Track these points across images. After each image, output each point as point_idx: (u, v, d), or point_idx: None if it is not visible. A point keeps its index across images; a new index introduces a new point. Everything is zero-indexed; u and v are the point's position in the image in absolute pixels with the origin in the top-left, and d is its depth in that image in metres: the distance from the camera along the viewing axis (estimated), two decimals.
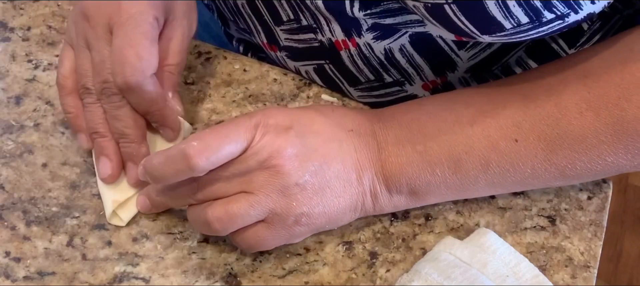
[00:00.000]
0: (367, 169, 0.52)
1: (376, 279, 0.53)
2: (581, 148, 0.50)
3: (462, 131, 0.52)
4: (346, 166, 0.51)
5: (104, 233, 0.55)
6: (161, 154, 0.50)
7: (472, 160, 0.51)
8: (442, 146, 0.52)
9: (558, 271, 0.53)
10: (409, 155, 0.52)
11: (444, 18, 0.48)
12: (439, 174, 0.52)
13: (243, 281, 0.52)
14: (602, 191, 0.57)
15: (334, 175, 0.50)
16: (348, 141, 0.52)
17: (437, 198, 0.54)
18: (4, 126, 0.60)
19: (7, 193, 0.56)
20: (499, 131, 0.51)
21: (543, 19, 0.47)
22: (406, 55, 0.59)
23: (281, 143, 0.49)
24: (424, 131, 0.52)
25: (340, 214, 0.52)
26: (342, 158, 0.51)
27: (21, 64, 0.63)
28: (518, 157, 0.51)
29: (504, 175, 0.52)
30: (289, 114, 0.51)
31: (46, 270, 0.52)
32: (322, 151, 0.50)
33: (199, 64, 0.64)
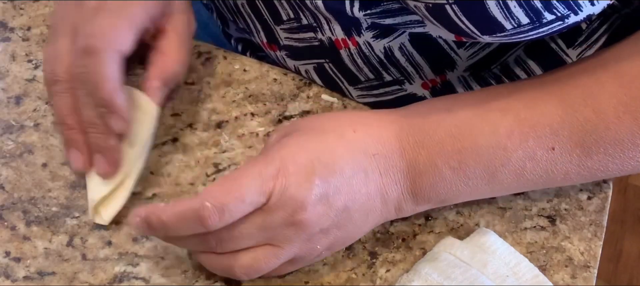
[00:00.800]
0: (393, 191, 0.51)
1: (376, 279, 0.53)
2: (616, 151, 0.50)
3: (499, 144, 0.50)
4: (371, 197, 0.50)
5: (104, 233, 0.54)
6: (171, 212, 0.47)
7: (508, 171, 0.51)
8: (478, 161, 0.50)
9: (558, 271, 0.53)
10: (442, 173, 0.50)
11: (445, 18, 0.48)
12: (471, 185, 0.51)
13: (243, 281, 0.52)
14: (602, 191, 0.57)
15: (358, 211, 0.50)
16: (373, 167, 0.50)
17: (465, 200, 0.54)
18: (4, 126, 0.60)
19: (7, 193, 0.56)
20: (537, 141, 0.50)
21: (543, 20, 0.47)
22: (406, 54, 0.59)
23: (305, 196, 0.47)
24: (458, 146, 0.50)
25: (360, 235, 0.52)
26: (366, 190, 0.49)
27: (21, 64, 0.63)
28: (553, 164, 0.51)
29: (536, 181, 0.52)
30: (309, 154, 0.48)
31: (46, 270, 0.52)
32: (346, 191, 0.49)
33: (199, 64, 0.64)
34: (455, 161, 0.50)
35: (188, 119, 0.60)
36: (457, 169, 0.50)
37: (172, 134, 0.60)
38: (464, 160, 0.50)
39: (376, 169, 0.50)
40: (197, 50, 0.65)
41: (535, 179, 0.51)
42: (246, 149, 0.59)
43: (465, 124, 0.51)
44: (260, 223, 0.48)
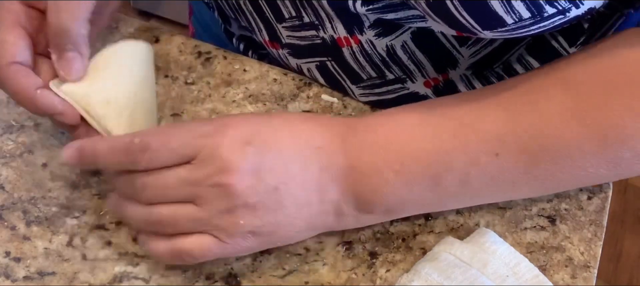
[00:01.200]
0: (331, 190, 0.49)
1: (376, 279, 0.53)
2: (563, 159, 0.49)
3: (441, 148, 0.49)
4: (306, 188, 0.48)
5: (104, 233, 0.55)
6: (104, 143, 0.49)
7: (452, 177, 0.50)
8: (421, 165, 0.50)
9: (558, 271, 0.53)
10: (384, 176, 0.49)
11: (446, 13, 0.48)
12: (416, 192, 0.50)
13: (243, 281, 0.52)
14: (602, 191, 0.57)
15: (291, 197, 0.48)
16: (313, 160, 0.49)
17: (413, 212, 0.53)
18: (4, 126, 0.60)
19: (7, 193, 0.56)
20: (480, 146, 0.49)
21: (544, 14, 0.46)
22: (408, 52, 0.59)
23: (235, 160, 0.46)
24: (400, 149, 0.50)
25: (294, 234, 0.50)
26: (302, 179, 0.48)
27: None
28: (499, 171, 0.50)
29: (483, 189, 0.51)
30: (252, 126, 0.48)
31: (46, 270, 0.52)
32: (279, 171, 0.48)
33: (199, 64, 0.64)
34: (397, 164, 0.49)
35: (188, 119, 0.60)
36: (399, 172, 0.49)
37: None
38: (406, 163, 0.49)
39: (316, 162, 0.49)
40: (197, 50, 0.65)
41: (482, 187, 0.51)
42: None
43: (408, 128, 0.50)
44: (185, 175, 0.47)
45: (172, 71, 0.63)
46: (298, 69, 0.65)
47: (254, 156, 0.47)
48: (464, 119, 0.50)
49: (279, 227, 0.49)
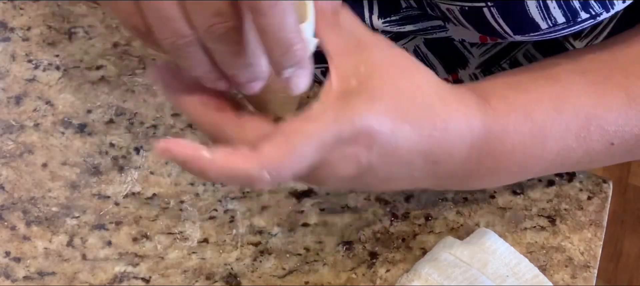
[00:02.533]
0: (426, 182, 0.46)
1: (376, 279, 0.53)
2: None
3: (566, 147, 0.48)
4: (398, 184, 0.45)
5: (104, 233, 0.54)
6: (219, 168, 0.39)
7: (562, 167, 0.50)
8: (539, 165, 0.49)
9: (558, 271, 0.53)
10: (498, 175, 0.48)
11: (480, 20, 0.48)
12: (514, 181, 0.50)
13: (243, 281, 0.52)
14: (602, 191, 0.57)
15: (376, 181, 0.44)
16: (423, 173, 0.45)
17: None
18: (4, 126, 0.60)
19: (7, 193, 0.56)
20: (601, 139, 0.48)
21: (578, 19, 0.46)
22: (420, 55, 0.59)
23: (353, 165, 0.42)
24: (528, 154, 0.47)
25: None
26: (395, 181, 0.45)
27: (21, 64, 0.63)
28: (607, 156, 0.50)
29: (580, 168, 0.51)
30: (389, 124, 0.41)
31: (46, 270, 0.52)
32: (382, 176, 0.43)
33: None
34: (517, 167, 0.48)
35: (188, 119, 0.60)
36: (515, 173, 0.49)
37: (172, 134, 0.60)
38: (527, 166, 0.48)
39: (430, 174, 0.45)
40: None
41: (578, 167, 0.51)
42: None
43: (540, 131, 0.47)
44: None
45: None
46: None
47: (359, 169, 0.42)
48: (591, 110, 0.48)
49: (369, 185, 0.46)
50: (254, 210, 0.56)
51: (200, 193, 0.56)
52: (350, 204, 0.56)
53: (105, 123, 0.60)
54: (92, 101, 0.61)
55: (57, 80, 0.62)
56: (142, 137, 0.59)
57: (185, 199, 0.56)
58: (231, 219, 0.55)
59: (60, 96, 0.61)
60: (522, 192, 0.57)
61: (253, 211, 0.56)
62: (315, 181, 0.43)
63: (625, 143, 0.49)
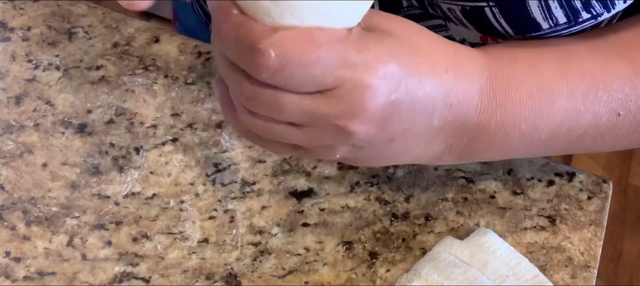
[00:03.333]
0: (445, 144, 0.47)
1: (376, 279, 0.53)
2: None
3: (574, 108, 0.47)
4: (420, 140, 0.45)
5: (104, 233, 0.55)
6: (233, 24, 0.39)
7: (570, 135, 0.48)
8: (549, 126, 0.47)
9: (558, 271, 0.53)
10: (508, 135, 0.47)
11: (481, 20, 0.48)
12: (527, 149, 0.49)
13: (243, 281, 0.52)
14: (602, 191, 0.57)
15: (399, 148, 0.45)
16: (443, 116, 0.45)
17: (502, 159, 0.51)
18: (4, 126, 0.60)
19: (7, 193, 0.56)
20: (607, 106, 0.48)
21: (579, 19, 0.46)
22: None
23: (371, 107, 0.41)
24: (536, 109, 0.47)
25: (375, 164, 0.48)
26: (419, 133, 0.45)
27: (21, 64, 0.63)
28: (612, 129, 0.49)
29: (587, 145, 0.50)
30: (402, 70, 0.42)
31: (46, 270, 0.52)
32: (404, 126, 0.43)
33: (199, 64, 0.64)
34: (526, 125, 0.47)
35: (188, 119, 0.60)
36: (525, 133, 0.47)
37: (172, 134, 0.60)
38: (535, 124, 0.47)
39: (444, 120, 0.45)
40: (197, 50, 0.65)
41: (588, 143, 0.49)
42: (246, 149, 0.59)
43: (547, 85, 0.47)
44: (310, 108, 0.41)
45: (172, 71, 0.63)
46: None
47: (391, 106, 0.42)
48: (597, 76, 0.47)
49: (369, 161, 0.46)
50: (254, 210, 0.56)
51: (200, 193, 0.57)
52: (350, 204, 0.56)
53: (105, 123, 0.60)
54: (92, 101, 0.61)
55: (57, 80, 0.62)
56: (142, 137, 0.59)
57: (185, 199, 0.56)
58: (231, 219, 0.55)
59: (60, 96, 0.61)
60: (522, 192, 0.57)
61: (253, 211, 0.56)
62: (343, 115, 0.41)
63: (631, 115, 0.48)
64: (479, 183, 0.58)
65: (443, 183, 0.58)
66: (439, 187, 0.57)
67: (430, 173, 0.58)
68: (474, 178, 0.58)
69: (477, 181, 0.58)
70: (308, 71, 0.39)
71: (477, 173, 0.58)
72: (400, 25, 0.44)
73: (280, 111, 0.41)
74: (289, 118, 0.42)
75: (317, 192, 0.57)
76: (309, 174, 0.58)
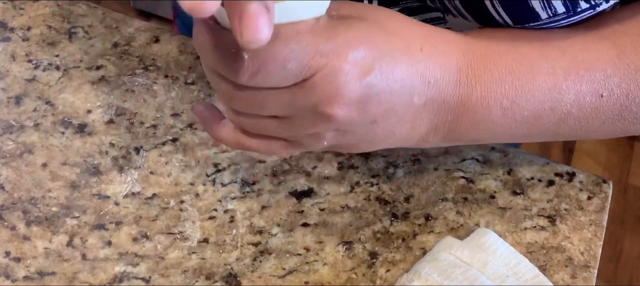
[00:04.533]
0: (428, 123, 0.47)
1: (376, 279, 0.53)
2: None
3: (555, 85, 0.47)
4: (403, 120, 0.46)
5: (104, 233, 0.55)
6: (211, 35, 0.41)
7: (553, 115, 0.48)
8: (531, 102, 0.47)
9: (558, 271, 0.53)
10: (491, 111, 0.47)
11: (480, 11, 0.48)
12: (512, 127, 0.49)
13: (243, 281, 0.52)
14: (602, 191, 0.57)
15: (383, 129, 0.46)
16: (422, 94, 0.46)
17: (491, 142, 0.52)
18: (4, 126, 0.60)
19: (7, 193, 0.56)
20: (589, 85, 0.48)
21: (578, 9, 0.47)
22: None
23: (348, 91, 0.42)
24: (515, 84, 0.47)
25: (365, 149, 0.48)
26: (402, 112, 0.46)
27: (21, 64, 0.63)
28: (596, 111, 0.49)
29: (572, 129, 0.50)
30: (373, 52, 0.43)
31: (46, 270, 0.52)
32: (385, 106, 0.45)
33: (199, 64, 0.64)
34: (508, 100, 0.47)
35: (188, 119, 0.60)
36: (507, 109, 0.48)
37: (172, 134, 0.60)
38: (516, 100, 0.47)
39: (424, 96, 0.46)
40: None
41: (573, 126, 0.49)
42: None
43: (526, 61, 0.47)
44: (288, 100, 0.43)
45: (172, 71, 0.63)
46: None
47: (367, 88, 0.43)
48: (579, 55, 0.48)
49: (357, 146, 0.47)
50: (254, 210, 0.56)
51: (200, 193, 0.57)
52: (350, 204, 0.56)
53: (105, 123, 0.60)
54: (92, 101, 0.61)
55: (57, 80, 0.62)
56: (142, 137, 0.59)
57: (185, 199, 0.56)
58: (231, 219, 0.55)
59: (60, 96, 0.61)
60: (522, 192, 0.57)
61: (253, 211, 0.56)
62: (321, 101, 0.42)
63: (614, 98, 0.48)
64: (479, 183, 0.58)
65: (443, 183, 0.58)
66: (439, 187, 0.57)
67: (430, 173, 0.58)
68: (474, 178, 0.58)
69: (477, 181, 0.58)
70: (283, 67, 0.41)
71: (477, 173, 0.58)
72: (371, 10, 0.45)
73: (261, 107, 0.43)
74: (272, 112, 0.44)
75: (317, 192, 0.57)
76: (309, 174, 0.58)
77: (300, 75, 0.41)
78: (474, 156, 0.59)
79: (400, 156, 0.59)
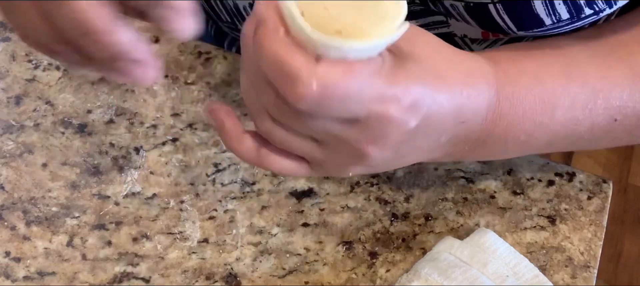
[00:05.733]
0: (445, 151, 0.47)
1: (376, 279, 0.53)
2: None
3: (572, 118, 0.48)
4: (423, 153, 0.46)
5: (104, 233, 0.55)
6: (273, 47, 0.38)
7: (566, 142, 0.49)
8: (548, 134, 0.48)
9: (558, 271, 0.53)
10: (506, 145, 0.48)
11: (484, 16, 0.48)
12: (522, 152, 0.50)
13: (243, 281, 0.52)
14: (602, 191, 0.57)
15: (408, 160, 0.46)
16: (452, 134, 0.46)
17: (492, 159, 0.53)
18: (4, 126, 0.60)
19: (7, 193, 0.56)
20: (605, 112, 0.48)
21: (582, 15, 0.47)
22: None
23: (391, 134, 0.42)
24: (537, 121, 0.48)
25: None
26: (430, 149, 0.46)
27: (21, 64, 0.63)
28: (609, 133, 0.50)
29: (581, 146, 0.51)
30: (424, 100, 0.42)
31: (46, 270, 0.52)
32: (417, 148, 0.45)
33: (199, 64, 0.64)
34: (526, 135, 0.48)
35: (188, 119, 0.60)
36: (524, 143, 0.48)
37: (172, 134, 0.60)
38: (535, 135, 0.48)
39: (453, 137, 0.46)
40: (197, 50, 0.65)
41: (580, 146, 0.51)
42: None
43: (550, 97, 0.47)
44: (337, 131, 0.41)
45: (172, 71, 0.63)
46: None
47: (410, 135, 0.43)
48: (598, 84, 0.48)
49: (375, 170, 0.47)
50: (254, 210, 0.56)
51: (200, 193, 0.57)
52: (350, 204, 0.56)
53: (105, 123, 0.60)
54: (92, 101, 0.61)
55: (57, 80, 0.62)
56: (142, 137, 0.59)
57: (185, 199, 0.56)
58: (231, 219, 0.55)
59: (60, 96, 0.61)
60: (522, 192, 0.57)
61: (253, 211, 0.56)
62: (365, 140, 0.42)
63: (627, 120, 0.49)
64: (479, 183, 0.58)
65: (443, 183, 0.58)
66: (439, 187, 0.57)
67: (430, 173, 0.58)
68: (474, 178, 0.58)
69: (477, 181, 0.58)
70: (345, 104, 0.39)
71: (477, 173, 0.58)
72: (422, 46, 0.44)
73: (307, 127, 0.41)
74: (313, 134, 0.42)
75: (317, 192, 0.57)
76: None
77: (357, 115, 0.40)
78: None
79: None
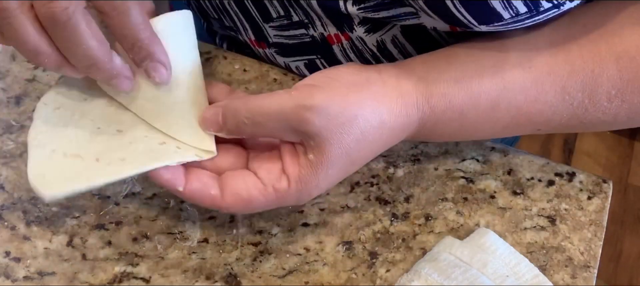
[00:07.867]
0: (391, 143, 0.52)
1: (376, 279, 0.53)
2: (600, 127, 0.53)
3: (494, 133, 0.53)
4: (367, 157, 0.51)
5: (104, 233, 0.55)
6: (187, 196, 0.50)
7: (531, 126, 0.53)
8: (481, 130, 0.53)
9: (558, 271, 0.53)
10: (452, 121, 0.52)
11: (443, 10, 0.48)
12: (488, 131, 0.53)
13: (243, 281, 0.52)
14: (602, 191, 0.57)
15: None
16: (387, 139, 0.51)
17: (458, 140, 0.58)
18: (4, 126, 0.60)
19: (7, 193, 0.56)
20: (528, 127, 0.52)
21: (540, 8, 0.47)
22: (398, 46, 0.59)
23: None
24: (459, 135, 0.53)
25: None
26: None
27: (21, 64, 0.63)
28: (532, 133, 0.54)
29: (538, 129, 0.54)
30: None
31: (46, 270, 0.52)
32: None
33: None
34: (456, 121, 0.52)
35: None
36: (461, 127, 0.52)
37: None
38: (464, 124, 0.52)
39: (390, 138, 0.51)
40: None
41: (540, 128, 0.54)
42: None
43: (471, 126, 0.52)
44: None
45: None
46: (286, 67, 0.65)
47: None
48: (522, 106, 0.52)
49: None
50: None
51: None
52: (350, 204, 0.56)
53: None
54: None
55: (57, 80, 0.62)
56: None
57: None
58: (231, 219, 0.55)
59: None
60: (522, 192, 0.57)
61: None
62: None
63: (551, 129, 0.53)
64: (479, 183, 0.58)
65: (443, 183, 0.58)
66: (439, 187, 0.57)
67: (430, 173, 0.58)
68: (474, 178, 0.58)
69: (477, 181, 0.58)
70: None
71: (477, 173, 0.58)
72: (328, 79, 0.49)
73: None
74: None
75: None
76: None
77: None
78: (474, 156, 0.59)
79: (400, 156, 0.59)
